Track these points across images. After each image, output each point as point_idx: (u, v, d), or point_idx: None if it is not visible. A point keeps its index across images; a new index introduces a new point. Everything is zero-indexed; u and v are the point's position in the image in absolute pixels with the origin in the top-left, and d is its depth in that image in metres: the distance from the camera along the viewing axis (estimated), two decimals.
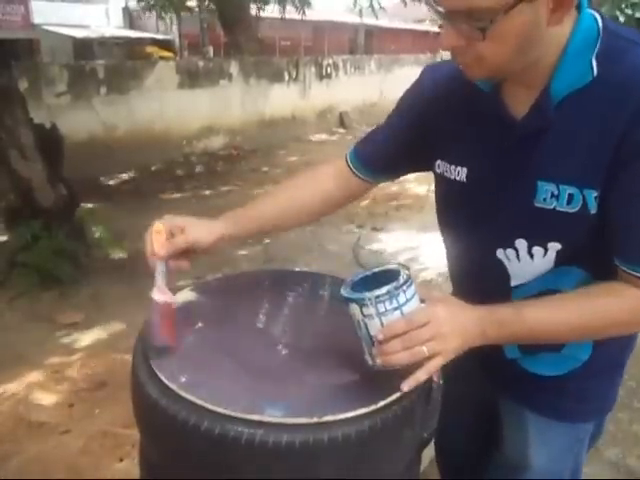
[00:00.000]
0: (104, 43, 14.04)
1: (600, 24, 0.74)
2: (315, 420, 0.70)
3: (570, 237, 0.78)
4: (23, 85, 4.74)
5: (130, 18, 17.04)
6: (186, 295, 1.04)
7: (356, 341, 0.75)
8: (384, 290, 0.70)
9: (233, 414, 0.71)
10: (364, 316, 0.72)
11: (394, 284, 0.70)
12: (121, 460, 1.95)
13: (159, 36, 15.74)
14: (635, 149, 0.70)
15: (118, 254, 4.10)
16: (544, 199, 0.77)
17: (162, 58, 11.42)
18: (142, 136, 6.38)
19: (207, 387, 0.76)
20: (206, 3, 8.51)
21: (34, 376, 2.49)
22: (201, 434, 0.71)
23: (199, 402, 0.73)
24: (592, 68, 0.72)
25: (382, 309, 0.70)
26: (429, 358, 0.72)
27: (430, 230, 4.78)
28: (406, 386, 0.73)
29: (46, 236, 3.40)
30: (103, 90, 6.03)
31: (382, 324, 0.71)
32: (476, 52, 0.70)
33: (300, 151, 7.97)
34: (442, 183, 0.92)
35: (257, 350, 0.87)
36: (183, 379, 0.77)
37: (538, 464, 0.97)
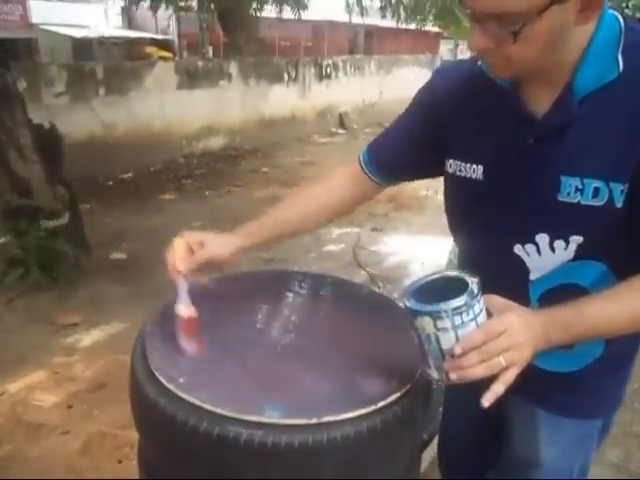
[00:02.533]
0: (103, 43, 14.02)
1: (622, 22, 0.74)
2: (314, 421, 0.70)
3: (593, 230, 0.77)
4: (22, 85, 4.74)
5: (129, 18, 17.02)
6: (193, 292, 1.04)
7: (355, 341, 0.75)
8: (462, 301, 0.65)
9: (232, 415, 0.70)
10: (437, 329, 0.67)
11: (469, 294, 0.66)
12: (120, 462, 1.94)
13: (158, 36, 15.73)
14: None
15: (117, 255, 4.09)
16: (568, 193, 0.77)
17: (161, 58, 11.40)
18: (142, 136, 6.38)
19: (206, 388, 0.75)
20: (205, 3, 8.49)
21: (33, 377, 2.48)
22: (200, 435, 0.70)
23: (198, 403, 0.72)
24: (618, 64, 0.73)
25: (458, 321, 0.66)
26: (505, 369, 0.69)
27: (430, 231, 4.78)
28: (486, 401, 0.70)
29: (45, 237, 3.39)
30: (102, 91, 6.03)
31: (457, 337, 0.66)
32: (505, 53, 0.71)
33: (300, 151, 7.97)
34: (455, 182, 0.91)
35: (257, 351, 0.87)
36: (182, 380, 0.77)
37: (549, 461, 0.96)
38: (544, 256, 0.82)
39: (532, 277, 0.85)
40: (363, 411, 0.72)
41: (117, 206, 5.19)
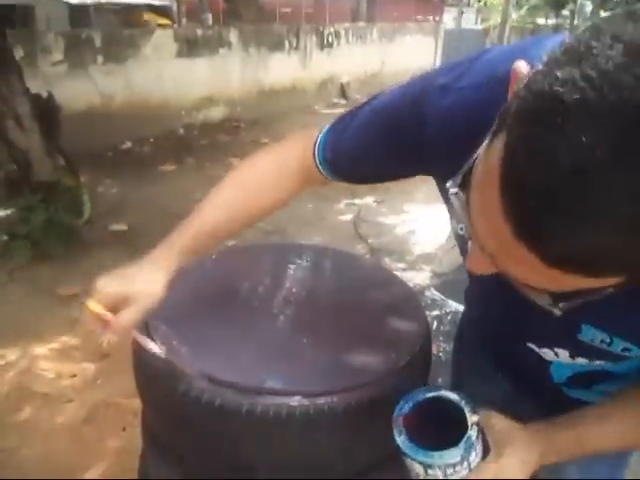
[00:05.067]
0: (100, 9, 13.69)
1: None
2: (316, 391, 0.71)
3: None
4: (19, 54, 4.65)
5: None
6: (191, 267, 1.03)
7: (356, 314, 0.75)
8: (457, 457, 0.60)
9: (234, 384, 0.71)
10: (427, 474, 0.63)
11: (466, 446, 0.61)
12: (124, 429, 1.98)
13: (156, 2, 15.35)
14: None
15: (118, 227, 4.09)
16: (591, 339, 0.67)
17: (160, 25, 11.14)
18: (140, 106, 6.29)
19: (208, 359, 0.76)
20: None
21: (36, 347, 2.51)
22: (202, 405, 0.71)
23: (199, 373, 0.72)
24: None
25: (450, 471, 0.62)
26: None
27: (431, 202, 4.75)
28: None
29: (44, 208, 3.38)
30: (100, 59, 5.91)
31: None
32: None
33: (301, 122, 7.87)
34: (460, 243, 0.77)
35: (258, 323, 0.87)
36: (184, 350, 0.77)
37: None
38: (563, 359, 0.74)
39: (552, 366, 0.78)
40: (364, 382, 0.73)
41: (116, 177, 5.16)
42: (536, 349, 0.75)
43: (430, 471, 0.61)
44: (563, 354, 0.73)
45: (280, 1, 13.18)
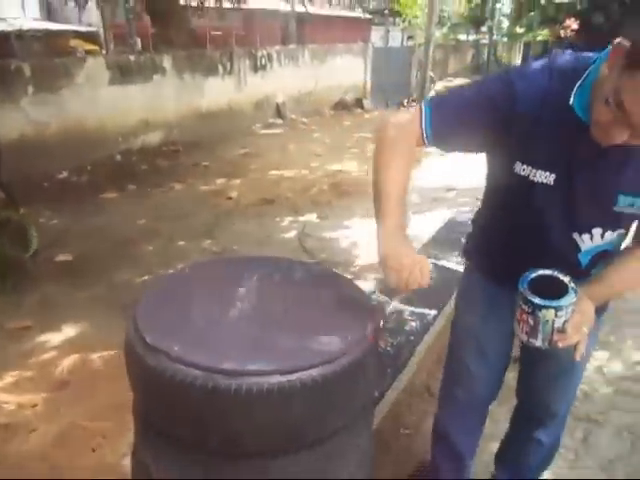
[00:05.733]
0: (22, 37, 13.27)
1: None
2: (288, 368, 0.87)
3: (632, 225, 1.15)
4: None
5: (48, 9, 16.16)
6: (169, 277, 1.18)
7: (316, 309, 0.92)
8: (574, 299, 1.03)
9: (222, 370, 0.86)
10: (557, 317, 1.03)
11: (575, 296, 1.03)
12: (94, 450, 2.03)
13: (82, 28, 15.04)
14: None
15: (63, 257, 4.05)
16: (622, 206, 1.09)
17: (87, 52, 10.97)
18: (76, 135, 6.23)
19: (197, 350, 0.91)
20: None
21: None
22: (197, 388, 0.86)
23: (186, 358, 0.87)
24: None
25: (569, 311, 1.03)
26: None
27: (371, 216, 5.02)
28: (578, 356, 1.12)
29: None
30: (31, 89, 5.83)
31: (565, 319, 1.03)
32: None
33: (240, 143, 8.02)
34: (522, 183, 1.13)
35: (235, 319, 1.03)
36: (176, 344, 0.91)
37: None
38: (595, 241, 1.16)
39: (582, 250, 1.18)
40: (326, 359, 0.90)
41: (56, 207, 5.08)
42: (577, 238, 1.15)
43: (559, 312, 1.02)
44: (597, 234, 1.14)
45: (210, 25, 13.30)
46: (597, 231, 1.14)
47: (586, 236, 1.16)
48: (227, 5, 8.60)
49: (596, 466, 1.91)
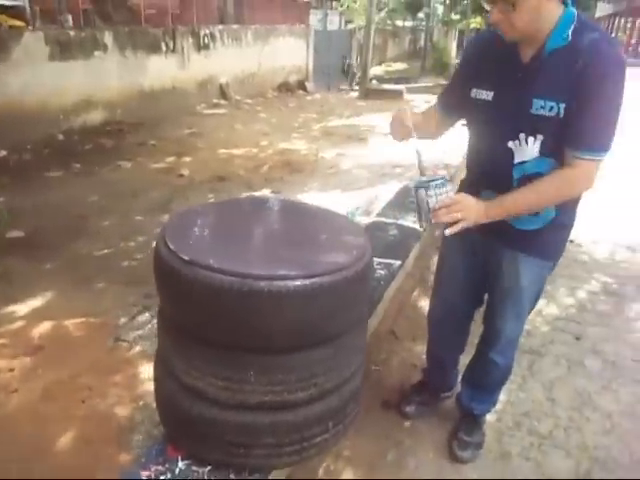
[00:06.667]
0: None
1: (575, 15, 1.33)
2: (309, 273, 1.04)
3: (549, 132, 1.35)
4: None
5: None
6: (187, 210, 1.31)
7: (319, 235, 1.10)
8: (440, 180, 1.30)
9: (252, 274, 1.02)
10: (427, 196, 1.29)
11: (443, 179, 1.30)
12: (83, 401, 2.11)
13: (6, 2, 14.12)
14: (584, 82, 1.28)
15: (15, 233, 3.97)
16: (536, 109, 1.34)
17: (11, 27, 10.37)
18: (14, 112, 5.98)
19: (230, 261, 1.06)
20: None
21: None
22: (226, 291, 1.01)
23: (221, 267, 1.02)
24: (568, 37, 1.31)
25: (438, 191, 1.30)
26: (459, 220, 1.34)
27: (323, 190, 5.22)
28: (449, 232, 1.36)
29: None
30: None
31: (437, 200, 1.30)
32: (510, 21, 1.30)
33: (186, 123, 7.94)
34: (474, 103, 1.49)
35: (247, 238, 1.19)
36: (211, 256, 1.06)
37: (524, 284, 1.60)
38: (522, 147, 1.40)
39: (515, 161, 1.43)
40: (340, 268, 1.08)
41: (1, 185, 4.92)
42: (512, 145, 1.40)
43: (429, 192, 1.29)
44: (522, 139, 1.38)
45: (145, 2, 12.88)
46: (522, 136, 1.39)
47: (516, 142, 1.40)
48: None
49: (540, 386, 2.22)
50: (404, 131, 1.51)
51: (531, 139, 1.38)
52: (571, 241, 3.79)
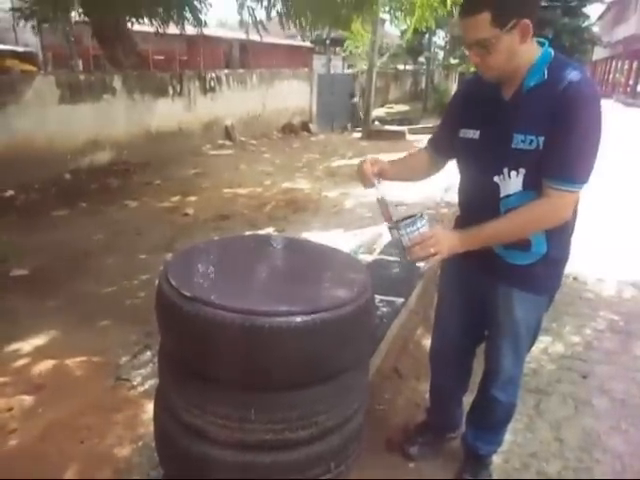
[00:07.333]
0: None
1: (552, 54, 1.41)
2: (316, 308, 1.05)
3: (530, 165, 1.39)
4: None
5: None
6: (189, 249, 1.33)
7: (321, 272, 1.12)
8: (408, 220, 1.34)
9: (254, 311, 1.02)
10: (400, 235, 1.33)
11: (413, 218, 1.34)
12: (82, 442, 2.07)
13: (19, 48, 14.66)
14: (559, 115, 1.33)
15: (19, 272, 3.99)
16: (516, 143, 1.40)
17: (24, 72, 10.74)
18: (23, 153, 6.11)
19: (233, 298, 1.07)
20: (79, 15, 8.26)
21: None
22: (226, 327, 1.01)
23: (222, 303, 1.03)
24: (544, 74, 1.38)
25: (409, 230, 1.34)
26: (433, 255, 1.37)
27: (326, 229, 5.25)
28: (426, 266, 1.43)
29: None
30: None
31: (409, 238, 1.34)
32: (486, 63, 1.37)
33: (191, 164, 8.08)
34: (462, 142, 1.55)
35: (249, 276, 1.19)
36: (212, 293, 1.07)
37: (518, 317, 1.60)
38: (506, 181, 1.44)
39: (501, 195, 1.46)
40: (342, 304, 1.09)
41: (5, 224, 4.98)
42: (497, 180, 1.44)
43: (401, 231, 1.32)
44: (506, 173, 1.42)
45: (153, 48, 13.34)
46: (506, 170, 1.43)
47: (500, 177, 1.45)
48: (168, 31, 8.70)
49: (547, 426, 2.17)
50: (368, 180, 1.59)
51: (514, 173, 1.42)
52: (575, 278, 3.78)
